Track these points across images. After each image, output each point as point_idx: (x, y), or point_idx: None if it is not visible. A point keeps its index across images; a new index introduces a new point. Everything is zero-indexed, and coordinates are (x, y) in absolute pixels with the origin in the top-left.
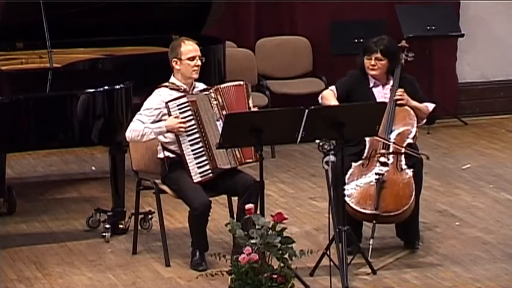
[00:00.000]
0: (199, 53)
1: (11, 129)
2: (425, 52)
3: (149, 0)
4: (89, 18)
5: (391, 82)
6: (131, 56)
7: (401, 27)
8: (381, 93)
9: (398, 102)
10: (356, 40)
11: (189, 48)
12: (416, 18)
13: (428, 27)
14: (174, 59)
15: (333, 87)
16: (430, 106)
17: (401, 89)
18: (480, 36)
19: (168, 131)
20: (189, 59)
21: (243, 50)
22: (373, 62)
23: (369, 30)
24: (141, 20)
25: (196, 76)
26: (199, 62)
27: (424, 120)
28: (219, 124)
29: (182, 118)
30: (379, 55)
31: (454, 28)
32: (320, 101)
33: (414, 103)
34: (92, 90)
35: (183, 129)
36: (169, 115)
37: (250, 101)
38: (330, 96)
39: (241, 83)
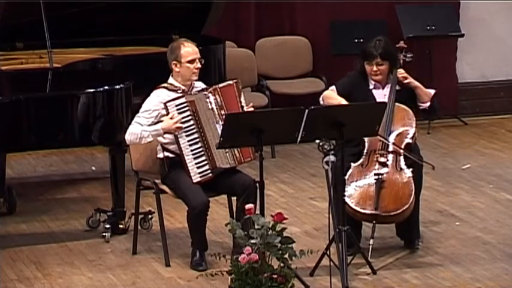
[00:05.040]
0: (199, 56)
1: (11, 129)
2: (425, 52)
3: (149, 0)
4: (89, 18)
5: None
6: (131, 56)
7: (401, 27)
8: (381, 95)
9: (404, 81)
10: (356, 40)
11: (188, 50)
12: (416, 18)
13: (428, 27)
14: (174, 62)
15: (333, 87)
16: (431, 91)
17: (402, 69)
18: (480, 36)
19: (165, 133)
20: (189, 62)
21: (243, 50)
22: (375, 68)
23: (369, 30)
24: (141, 20)
25: (196, 78)
26: (199, 65)
27: (428, 104)
28: (218, 124)
29: (181, 118)
30: (379, 60)
31: (454, 28)
32: (322, 102)
33: (417, 83)
34: (92, 90)
35: (180, 129)
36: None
37: (242, 99)
38: (332, 95)
39: (231, 82)
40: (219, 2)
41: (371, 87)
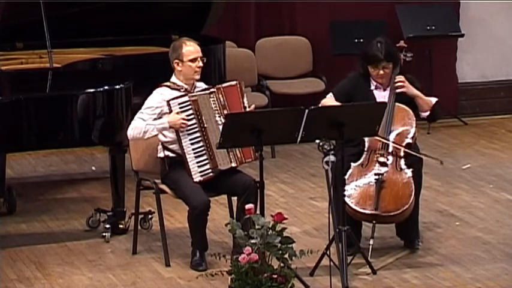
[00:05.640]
0: (200, 54)
1: (11, 129)
2: (425, 52)
3: (149, 0)
4: (89, 18)
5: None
6: (131, 56)
7: (401, 27)
8: (382, 95)
9: (398, 89)
10: (356, 40)
11: (190, 49)
12: (416, 18)
13: (428, 27)
14: (176, 60)
15: (330, 95)
16: (433, 99)
17: (401, 76)
18: (480, 36)
19: (170, 127)
20: (190, 60)
21: (243, 50)
22: (381, 72)
23: (369, 30)
24: (141, 20)
25: (198, 77)
26: (201, 64)
27: (428, 113)
28: (220, 124)
29: (185, 116)
30: (385, 63)
31: (454, 28)
32: None
33: (416, 91)
34: (92, 90)
35: (185, 126)
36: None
37: (245, 100)
38: (330, 101)
39: (234, 82)
40: (219, 2)
41: (372, 87)
